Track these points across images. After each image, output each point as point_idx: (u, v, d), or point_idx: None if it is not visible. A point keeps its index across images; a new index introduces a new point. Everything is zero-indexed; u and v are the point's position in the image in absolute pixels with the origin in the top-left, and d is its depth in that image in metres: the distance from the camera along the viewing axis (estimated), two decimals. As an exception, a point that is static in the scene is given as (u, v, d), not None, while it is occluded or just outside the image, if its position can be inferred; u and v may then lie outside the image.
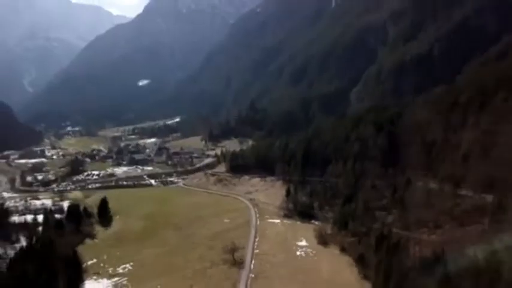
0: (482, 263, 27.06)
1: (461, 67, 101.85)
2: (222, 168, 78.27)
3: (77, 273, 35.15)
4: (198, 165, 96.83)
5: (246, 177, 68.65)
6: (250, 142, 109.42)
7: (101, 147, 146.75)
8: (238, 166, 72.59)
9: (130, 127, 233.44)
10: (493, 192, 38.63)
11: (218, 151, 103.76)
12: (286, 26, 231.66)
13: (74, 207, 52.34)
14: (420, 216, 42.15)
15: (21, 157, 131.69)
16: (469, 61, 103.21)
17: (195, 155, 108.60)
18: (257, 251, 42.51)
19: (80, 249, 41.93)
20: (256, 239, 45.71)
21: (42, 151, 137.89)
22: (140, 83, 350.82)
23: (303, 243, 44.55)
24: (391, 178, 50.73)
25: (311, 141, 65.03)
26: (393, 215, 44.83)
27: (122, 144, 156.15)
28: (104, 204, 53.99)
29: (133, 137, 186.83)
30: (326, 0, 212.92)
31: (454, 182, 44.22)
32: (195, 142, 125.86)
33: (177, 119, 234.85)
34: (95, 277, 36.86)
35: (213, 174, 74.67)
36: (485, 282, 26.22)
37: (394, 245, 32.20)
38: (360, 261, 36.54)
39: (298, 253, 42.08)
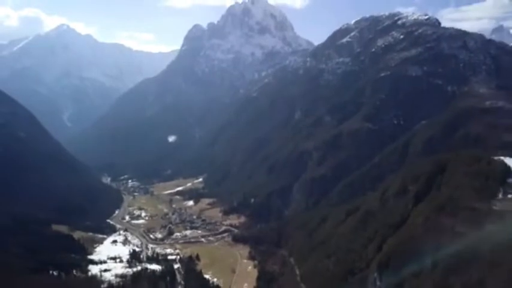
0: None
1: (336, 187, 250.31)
2: (230, 237, 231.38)
3: (201, 273, 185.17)
4: (220, 230, 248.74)
5: (238, 244, 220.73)
6: (243, 218, 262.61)
7: (167, 210, 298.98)
8: (236, 238, 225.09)
9: (171, 183, 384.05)
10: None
11: (228, 222, 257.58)
12: (270, 123, 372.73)
13: (190, 255, 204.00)
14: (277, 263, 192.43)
15: (131, 218, 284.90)
16: (338, 184, 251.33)
17: (218, 223, 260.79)
18: (239, 268, 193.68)
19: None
20: (238, 265, 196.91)
21: (139, 214, 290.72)
22: (170, 139, 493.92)
23: (250, 267, 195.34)
24: (278, 252, 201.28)
25: (258, 233, 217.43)
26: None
27: (175, 206, 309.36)
28: (197, 254, 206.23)
29: (177, 197, 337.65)
30: (292, 111, 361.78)
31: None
32: (216, 213, 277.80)
33: (200, 179, 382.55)
34: (205, 274, 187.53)
35: (226, 241, 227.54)
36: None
37: (263, 266, 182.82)
38: (259, 272, 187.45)
39: (248, 270, 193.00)
